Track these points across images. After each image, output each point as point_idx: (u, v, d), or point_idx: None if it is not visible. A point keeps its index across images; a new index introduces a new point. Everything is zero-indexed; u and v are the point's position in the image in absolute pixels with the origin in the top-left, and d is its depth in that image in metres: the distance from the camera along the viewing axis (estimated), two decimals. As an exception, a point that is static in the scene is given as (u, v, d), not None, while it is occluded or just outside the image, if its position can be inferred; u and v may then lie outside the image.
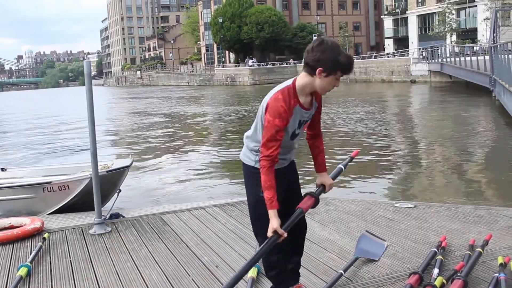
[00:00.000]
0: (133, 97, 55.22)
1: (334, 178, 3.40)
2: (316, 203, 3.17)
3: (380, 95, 34.08)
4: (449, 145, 13.96)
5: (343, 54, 2.92)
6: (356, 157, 3.78)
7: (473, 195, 8.99)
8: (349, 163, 3.63)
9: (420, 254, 4.11)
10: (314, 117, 3.19)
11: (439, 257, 3.79)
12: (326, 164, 3.35)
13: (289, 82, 3.05)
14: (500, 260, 3.65)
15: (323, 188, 3.28)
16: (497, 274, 3.40)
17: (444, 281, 3.29)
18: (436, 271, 3.54)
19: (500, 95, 20.99)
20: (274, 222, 2.93)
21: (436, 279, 3.31)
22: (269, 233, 2.94)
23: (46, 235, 5.15)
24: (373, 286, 3.59)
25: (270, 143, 2.92)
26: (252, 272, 3.77)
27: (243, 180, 3.32)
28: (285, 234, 2.95)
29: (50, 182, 7.29)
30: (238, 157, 3.29)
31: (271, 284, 3.43)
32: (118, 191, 7.24)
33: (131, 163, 7.86)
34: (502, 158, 11.96)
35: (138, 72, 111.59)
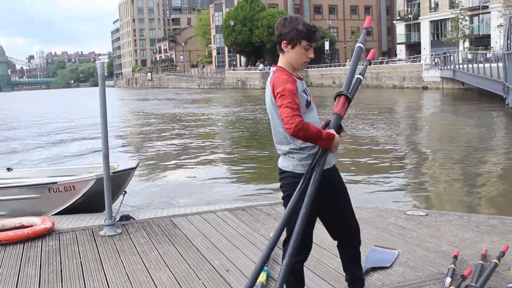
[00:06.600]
0: (143, 99, 55.39)
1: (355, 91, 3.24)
2: (349, 101, 3.13)
3: (392, 101, 33.93)
4: (461, 153, 13.85)
5: (302, 23, 2.97)
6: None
7: (486, 204, 8.91)
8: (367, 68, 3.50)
9: (432, 263, 4.08)
10: None
11: (451, 266, 3.75)
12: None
13: (274, 68, 3.05)
14: (513, 270, 3.62)
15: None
16: (510, 285, 3.38)
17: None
18: (448, 280, 3.51)
19: (513, 103, 20.87)
20: (331, 130, 2.91)
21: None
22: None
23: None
24: (385, 294, 3.56)
25: (292, 112, 2.75)
26: (261, 277, 3.76)
27: (254, 184, 3.29)
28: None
29: (56, 183, 7.30)
30: (250, 159, 3.26)
31: None
32: (123, 192, 7.24)
33: (137, 165, 7.86)
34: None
35: (149, 74, 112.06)
